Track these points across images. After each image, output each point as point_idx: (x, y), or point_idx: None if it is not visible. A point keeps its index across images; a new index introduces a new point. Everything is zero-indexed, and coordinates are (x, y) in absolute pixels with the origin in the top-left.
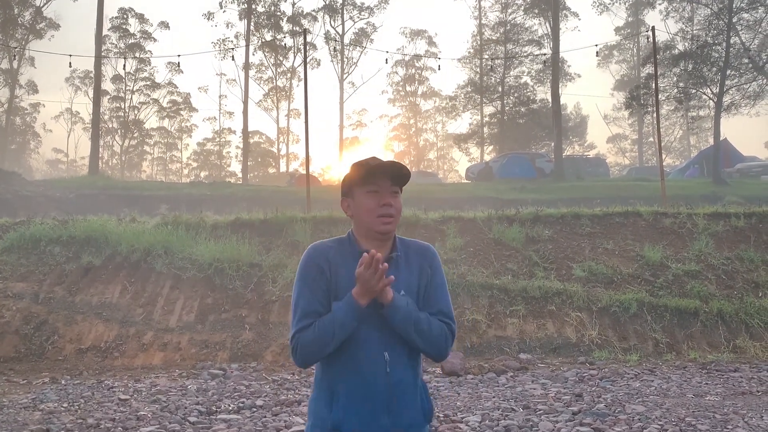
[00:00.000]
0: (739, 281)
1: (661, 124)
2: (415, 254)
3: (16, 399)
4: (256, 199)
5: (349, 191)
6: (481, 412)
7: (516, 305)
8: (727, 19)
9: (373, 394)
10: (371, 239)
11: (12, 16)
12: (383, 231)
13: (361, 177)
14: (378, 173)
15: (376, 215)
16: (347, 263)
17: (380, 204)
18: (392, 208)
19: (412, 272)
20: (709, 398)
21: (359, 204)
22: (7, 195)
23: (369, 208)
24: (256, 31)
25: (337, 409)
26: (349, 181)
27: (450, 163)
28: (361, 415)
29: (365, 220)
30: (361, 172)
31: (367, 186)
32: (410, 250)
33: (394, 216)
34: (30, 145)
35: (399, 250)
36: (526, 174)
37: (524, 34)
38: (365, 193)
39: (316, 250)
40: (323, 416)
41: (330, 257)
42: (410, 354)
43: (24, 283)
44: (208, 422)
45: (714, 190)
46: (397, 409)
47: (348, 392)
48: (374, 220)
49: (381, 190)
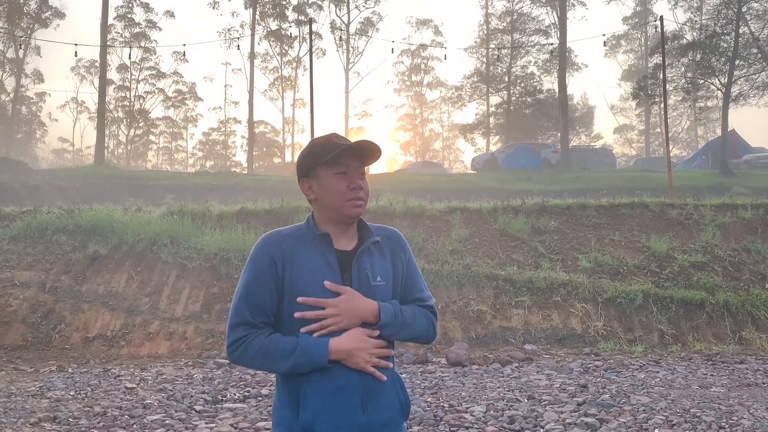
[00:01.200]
0: (745, 273)
1: (668, 115)
2: (387, 240)
3: (24, 387)
4: (262, 189)
5: (311, 172)
6: (485, 402)
7: (521, 296)
8: (736, 9)
9: (345, 391)
10: (336, 224)
11: (18, 5)
12: (354, 215)
13: (327, 157)
14: (347, 153)
15: (346, 199)
16: (305, 249)
17: (350, 187)
18: (362, 191)
19: (386, 258)
20: (714, 390)
21: (326, 187)
22: (13, 184)
23: (338, 192)
24: (262, 20)
25: (305, 412)
26: (311, 160)
27: (455, 154)
28: (333, 414)
29: (333, 203)
30: (328, 153)
31: (334, 167)
32: (379, 233)
33: (364, 199)
34: (36, 134)
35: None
36: (532, 164)
37: (531, 23)
38: (333, 175)
39: (271, 237)
40: (289, 422)
41: (284, 246)
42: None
43: (31, 272)
44: (214, 411)
45: (721, 181)
46: (372, 404)
47: (316, 392)
48: (344, 204)
49: (350, 172)
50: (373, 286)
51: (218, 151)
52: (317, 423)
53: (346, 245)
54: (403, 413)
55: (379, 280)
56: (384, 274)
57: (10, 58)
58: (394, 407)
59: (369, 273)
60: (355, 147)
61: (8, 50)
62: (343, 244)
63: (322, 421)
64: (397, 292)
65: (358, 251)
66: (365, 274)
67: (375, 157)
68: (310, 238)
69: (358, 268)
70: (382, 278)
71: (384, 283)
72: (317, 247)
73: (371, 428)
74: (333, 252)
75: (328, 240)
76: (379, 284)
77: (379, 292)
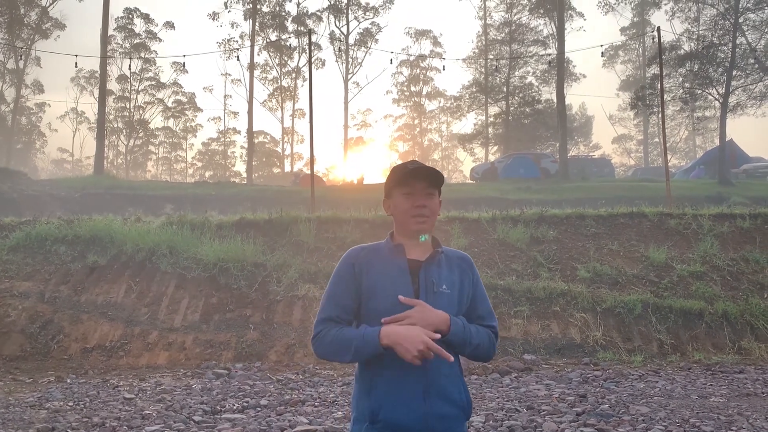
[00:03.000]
0: (744, 282)
1: (666, 125)
2: (456, 258)
3: (22, 397)
4: (261, 199)
5: (389, 193)
6: (485, 412)
7: (520, 306)
8: (733, 20)
9: (408, 383)
10: (408, 237)
11: (18, 16)
12: (416, 230)
13: (397, 180)
14: (413, 176)
15: (411, 215)
16: (381, 258)
17: (414, 205)
18: (426, 209)
19: (454, 272)
20: (713, 399)
21: (396, 205)
22: (13, 194)
23: (404, 209)
24: (261, 31)
25: (374, 399)
26: (389, 183)
27: (454, 164)
28: (397, 402)
29: (401, 219)
30: (397, 175)
31: (403, 188)
32: (452, 254)
33: (428, 216)
34: (36, 144)
35: (442, 248)
36: (531, 174)
37: (529, 34)
38: (401, 195)
39: (354, 250)
40: (362, 407)
41: (362, 256)
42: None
43: (30, 282)
44: (213, 421)
45: (719, 191)
46: (433, 397)
47: (385, 382)
48: (408, 220)
49: (415, 192)
50: (438, 293)
51: (217, 161)
52: (383, 409)
53: (419, 256)
54: (464, 412)
55: (444, 288)
56: (450, 284)
57: (10, 69)
58: (454, 404)
59: (435, 280)
60: (418, 170)
61: (8, 61)
62: (416, 255)
63: (386, 408)
64: (462, 305)
65: (427, 261)
66: (431, 280)
67: (437, 180)
68: (388, 249)
69: (425, 274)
70: (447, 287)
71: (449, 291)
72: (392, 256)
73: (430, 417)
74: (405, 260)
75: (401, 249)
76: (444, 291)
77: (443, 298)
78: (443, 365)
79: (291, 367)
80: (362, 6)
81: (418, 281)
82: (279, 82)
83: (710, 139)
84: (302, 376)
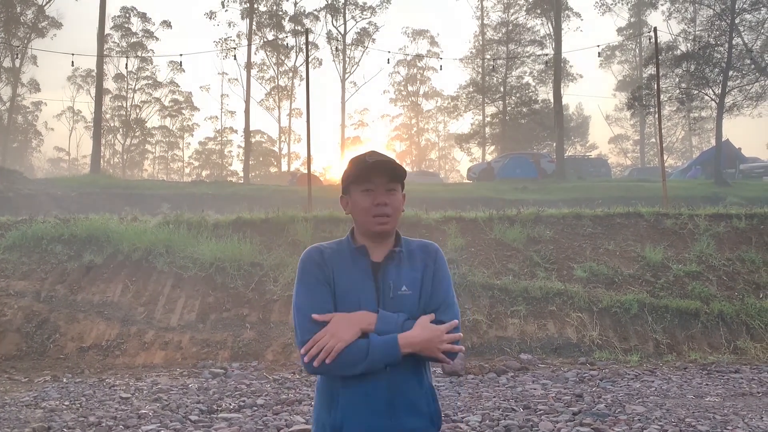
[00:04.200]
0: (740, 282)
1: (662, 125)
2: (419, 251)
3: (18, 397)
4: (258, 199)
5: (347, 189)
6: (481, 412)
7: (517, 305)
8: (729, 20)
9: (372, 397)
10: (369, 237)
11: (14, 14)
12: (378, 231)
13: (355, 175)
14: (373, 171)
15: (371, 215)
16: (345, 261)
17: (375, 203)
18: (387, 207)
19: (416, 269)
20: (709, 399)
21: (355, 203)
22: (9, 193)
23: (364, 208)
24: (258, 30)
25: (336, 413)
26: (346, 178)
27: (451, 163)
28: (361, 417)
29: (361, 219)
30: (354, 170)
31: (362, 184)
32: (414, 247)
33: (391, 215)
34: (32, 143)
35: (402, 246)
36: (528, 174)
37: (526, 34)
38: (360, 192)
39: (314, 249)
40: (323, 420)
41: (327, 257)
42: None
43: (26, 281)
44: (209, 421)
45: (716, 191)
46: (398, 412)
47: (349, 394)
48: (369, 220)
49: (376, 189)
50: (397, 296)
51: (214, 160)
52: (345, 423)
53: (378, 257)
54: (433, 423)
55: (404, 289)
56: (411, 283)
57: (6, 68)
58: (423, 416)
59: (392, 282)
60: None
61: (5, 59)
62: (376, 256)
63: (350, 423)
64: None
65: (382, 263)
66: (388, 283)
67: (399, 174)
68: (350, 252)
69: (382, 277)
70: (408, 287)
71: (410, 292)
72: (355, 260)
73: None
74: (369, 263)
75: (364, 252)
76: (404, 293)
77: (405, 301)
78: (410, 375)
79: (287, 367)
80: (359, 5)
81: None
82: (276, 81)
83: (707, 139)
84: (299, 375)
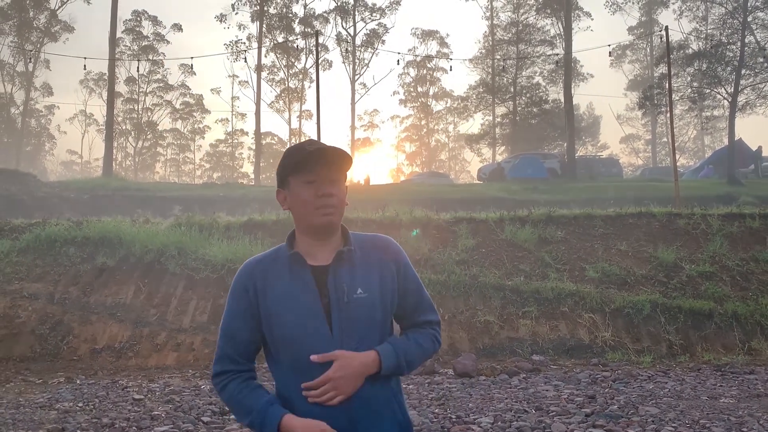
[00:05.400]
0: (754, 282)
1: (674, 124)
2: (374, 249)
3: (33, 398)
4: (269, 200)
5: (284, 181)
6: (493, 413)
7: (528, 306)
8: (741, 18)
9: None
10: (312, 235)
11: (28, 19)
12: (322, 224)
13: (294, 165)
14: (314, 160)
15: (315, 207)
16: (279, 272)
17: (318, 194)
18: (333, 198)
19: (372, 269)
20: (723, 401)
21: (295, 195)
22: (22, 196)
23: (305, 200)
24: (268, 32)
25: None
26: (283, 169)
27: (462, 164)
28: None
29: (302, 212)
30: (293, 159)
31: (303, 175)
32: (366, 245)
33: (336, 206)
34: (45, 146)
35: (352, 244)
36: (538, 174)
37: (536, 34)
38: (301, 184)
39: (244, 267)
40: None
41: (257, 273)
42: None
43: (39, 283)
44: (221, 422)
45: (728, 191)
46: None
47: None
48: (312, 212)
49: (319, 179)
50: (352, 300)
51: (225, 162)
52: None
53: (325, 260)
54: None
55: (360, 292)
56: (367, 285)
57: (20, 72)
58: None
59: (346, 286)
60: (320, 152)
61: (18, 64)
62: (322, 259)
63: None
64: (388, 306)
65: (331, 267)
66: (342, 288)
67: (344, 163)
68: (285, 259)
69: (334, 282)
70: (363, 290)
71: (366, 295)
72: (291, 268)
73: None
74: (308, 270)
75: (298, 258)
76: (360, 296)
77: (361, 305)
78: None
79: None
80: (369, 7)
81: (328, 292)
82: (286, 83)
83: (719, 138)
84: None
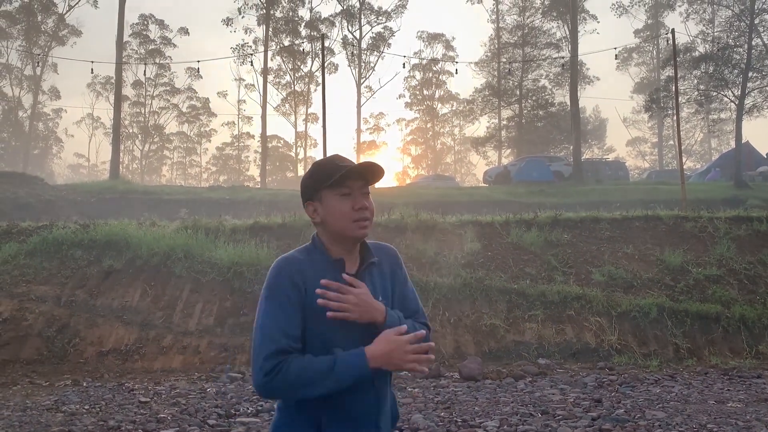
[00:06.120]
0: (761, 286)
1: (681, 127)
2: (385, 257)
3: (39, 401)
4: (275, 203)
5: (316, 195)
6: (499, 417)
7: (535, 310)
8: (748, 21)
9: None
10: (342, 245)
11: (36, 23)
12: (360, 236)
13: (331, 179)
14: (350, 175)
15: (352, 220)
16: (319, 273)
17: (355, 207)
18: (367, 211)
19: (385, 277)
20: (731, 405)
21: (330, 208)
22: (30, 199)
23: (343, 213)
24: (275, 36)
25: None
26: (315, 183)
27: (467, 167)
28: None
29: (339, 225)
30: (327, 173)
31: (338, 189)
32: (380, 254)
33: (370, 219)
34: (52, 150)
35: (374, 255)
36: (545, 177)
37: (542, 37)
38: (337, 197)
39: (288, 262)
40: None
41: (302, 270)
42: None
43: (46, 286)
44: (227, 425)
45: (736, 194)
46: (382, 422)
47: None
48: (349, 225)
49: (353, 193)
50: None
51: (232, 165)
52: None
53: (351, 268)
54: (394, 425)
55: (380, 300)
56: (384, 293)
57: (27, 75)
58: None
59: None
60: (358, 168)
61: (26, 67)
62: (349, 267)
63: None
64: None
65: (359, 274)
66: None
67: (378, 177)
68: (325, 263)
69: None
70: (383, 298)
71: (384, 302)
72: (334, 272)
73: None
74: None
75: (342, 266)
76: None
77: None
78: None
79: None
80: (375, 10)
81: None
82: (292, 86)
83: (726, 141)
84: None
